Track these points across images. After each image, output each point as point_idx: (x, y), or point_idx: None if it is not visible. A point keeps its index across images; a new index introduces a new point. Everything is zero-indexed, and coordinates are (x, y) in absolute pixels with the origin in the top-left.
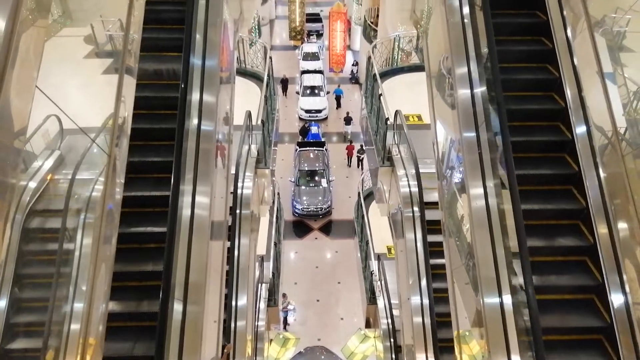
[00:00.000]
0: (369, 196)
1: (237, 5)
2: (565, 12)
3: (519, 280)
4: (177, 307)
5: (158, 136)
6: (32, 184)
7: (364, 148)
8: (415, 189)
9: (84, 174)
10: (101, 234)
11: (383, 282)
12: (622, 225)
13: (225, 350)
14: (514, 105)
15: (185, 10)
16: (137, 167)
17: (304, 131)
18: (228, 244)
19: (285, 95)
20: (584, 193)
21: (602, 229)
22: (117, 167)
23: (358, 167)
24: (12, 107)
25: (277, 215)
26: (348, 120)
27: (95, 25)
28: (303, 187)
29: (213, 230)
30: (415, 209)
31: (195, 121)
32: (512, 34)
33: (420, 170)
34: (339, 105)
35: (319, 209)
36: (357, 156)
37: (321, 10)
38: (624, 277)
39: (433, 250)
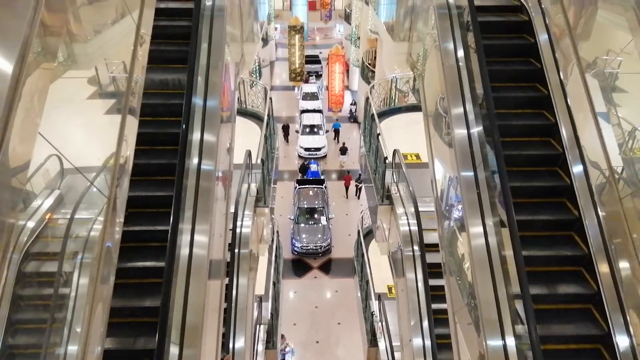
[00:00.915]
0: (368, 234)
1: (239, 49)
2: (558, 57)
3: (523, 325)
4: (174, 350)
5: (157, 171)
6: (31, 224)
7: (361, 178)
8: (415, 228)
9: (83, 214)
10: (99, 274)
11: (384, 323)
12: (624, 269)
13: None
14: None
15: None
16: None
17: (304, 169)
18: (226, 280)
19: (287, 141)
20: (585, 239)
21: (605, 274)
22: (117, 207)
23: (356, 195)
24: (16, 147)
25: (276, 254)
26: (343, 151)
27: (99, 67)
28: (302, 225)
29: (211, 269)
30: (416, 247)
31: (195, 160)
32: (508, 80)
33: (420, 209)
34: (337, 137)
35: (318, 247)
36: (356, 185)
37: (320, 52)
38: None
39: (435, 294)
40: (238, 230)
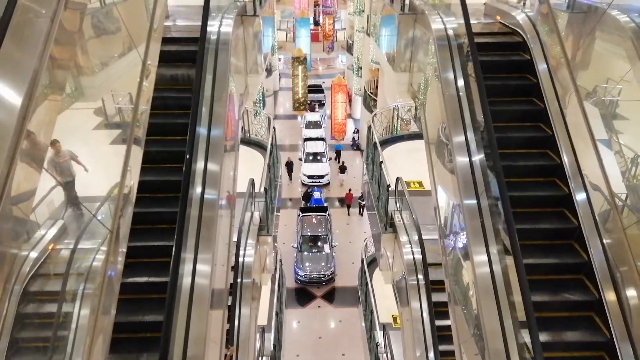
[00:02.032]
0: (372, 262)
1: (243, 81)
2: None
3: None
4: None
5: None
6: (33, 254)
7: (365, 205)
8: (419, 256)
9: (86, 244)
10: (100, 304)
11: (389, 354)
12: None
13: (228, 353)
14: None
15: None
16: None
17: (307, 196)
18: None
19: (290, 178)
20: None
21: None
22: (120, 236)
23: (360, 213)
24: (22, 177)
25: (279, 283)
26: (342, 169)
27: (106, 99)
28: (305, 253)
29: (213, 299)
30: (420, 276)
31: (199, 189)
32: (509, 120)
33: (424, 237)
34: (338, 158)
35: (321, 276)
36: (359, 202)
37: (323, 82)
38: None
39: (441, 335)
40: (241, 259)
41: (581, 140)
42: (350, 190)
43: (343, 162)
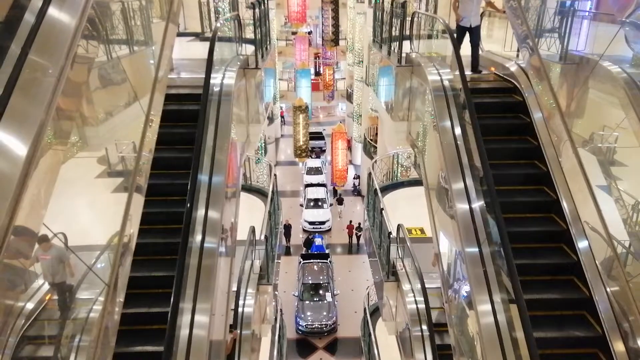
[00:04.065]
0: (375, 312)
1: (244, 130)
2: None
3: None
4: None
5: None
6: (30, 305)
7: (361, 226)
8: (422, 306)
9: (84, 294)
10: (96, 357)
11: None
12: None
13: (231, 336)
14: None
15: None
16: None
17: (308, 243)
18: None
19: (288, 241)
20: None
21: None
22: (118, 286)
23: (356, 242)
24: (24, 225)
25: (279, 334)
26: (340, 201)
27: (109, 148)
28: (307, 302)
29: (211, 351)
30: (424, 327)
31: (199, 237)
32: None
33: (427, 286)
34: (335, 193)
35: (323, 326)
36: (356, 233)
37: (324, 129)
38: None
39: None
40: (240, 309)
41: (578, 188)
42: (351, 221)
43: (340, 194)
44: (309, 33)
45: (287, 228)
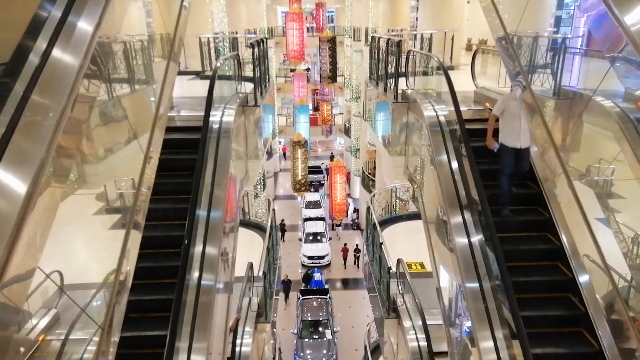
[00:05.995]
0: (376, 349)
1: (243, 166)
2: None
3: None
4: None
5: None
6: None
7: (359, 248)
8: (424, 343)
9: (78, 334)
10: None
11: None
12: None
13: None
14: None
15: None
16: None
17: (307, 278)
18: None
19: (287, 299)
20: None
21: None
22: (114, 324)
23: (355, 264)
24: (19, 264)
25: None
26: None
27: (108, 185)
28: (306, 340)
29: None
30: None
31: (196, 274)
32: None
33: (428, 322)
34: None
35: None
36: (354, 255)
37: (322, 163)
38: None
39: None
40: (237, 348)
41: (575, 222)
42: (345, 244)
43: (335, 218)
44: (307, 70)
45: (287, 284)
